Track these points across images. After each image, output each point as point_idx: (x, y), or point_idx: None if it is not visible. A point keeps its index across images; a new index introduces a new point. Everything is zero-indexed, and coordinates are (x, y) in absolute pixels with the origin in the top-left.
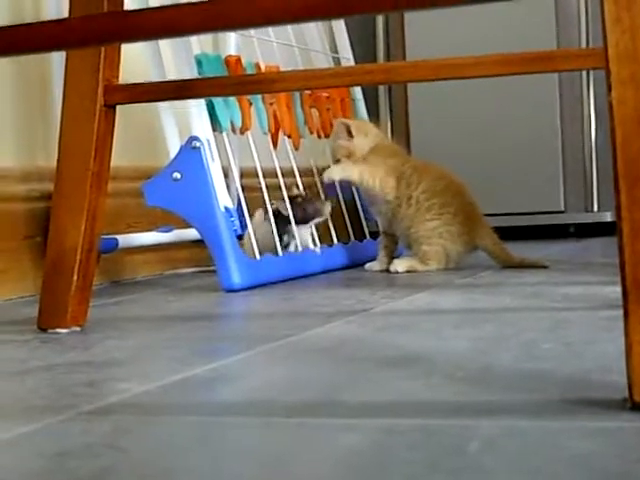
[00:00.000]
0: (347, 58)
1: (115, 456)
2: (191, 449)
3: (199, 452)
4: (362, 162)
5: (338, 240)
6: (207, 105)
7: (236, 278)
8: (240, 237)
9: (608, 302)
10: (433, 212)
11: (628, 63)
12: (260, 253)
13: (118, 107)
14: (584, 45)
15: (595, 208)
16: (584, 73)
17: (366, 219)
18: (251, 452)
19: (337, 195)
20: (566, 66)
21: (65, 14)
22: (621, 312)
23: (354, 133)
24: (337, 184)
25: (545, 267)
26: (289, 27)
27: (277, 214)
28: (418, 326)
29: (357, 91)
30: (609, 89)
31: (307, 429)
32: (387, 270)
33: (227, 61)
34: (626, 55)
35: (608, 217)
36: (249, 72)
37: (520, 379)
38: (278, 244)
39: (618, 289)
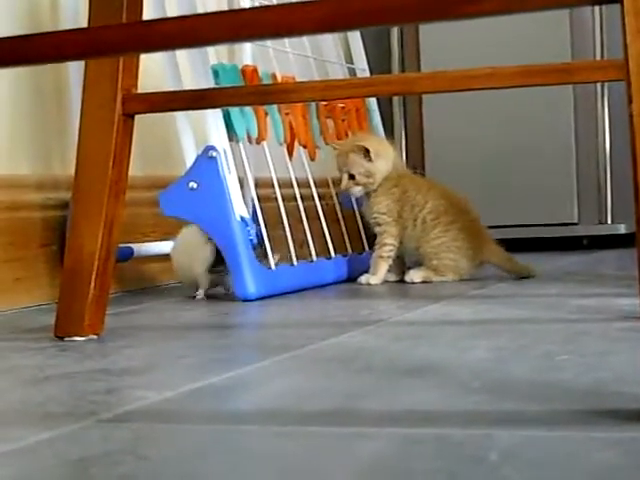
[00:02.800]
0: (363, 69)
1: (135, 463)
2: (209, 457)
3: (217, 460)
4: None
5: (352, 251)
6: (223, 115)
7: (251, 287)
8: (256, 247)
9: (623, 314)
10: (439, 230)
11: None
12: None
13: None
14: (598, 56)
15: (609, 220)
16: (599, 85)
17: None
18: (269, 460)
19: (352, 207)
20: (584, 78)
21: (83, 24)
22: (636, 324)
23: (373, 158)
24: (353, 198)
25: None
26: (305, 38)
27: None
28: (434, 336)
29: (372, 102)
30: (630, 101)
31: (325, 438)
32: (402, 280)
33: (243, 71)
34: None
35: (622, 229)
36: (265, 82)
37: (537, 389)
38: (293, 251)
39: (633, 301)
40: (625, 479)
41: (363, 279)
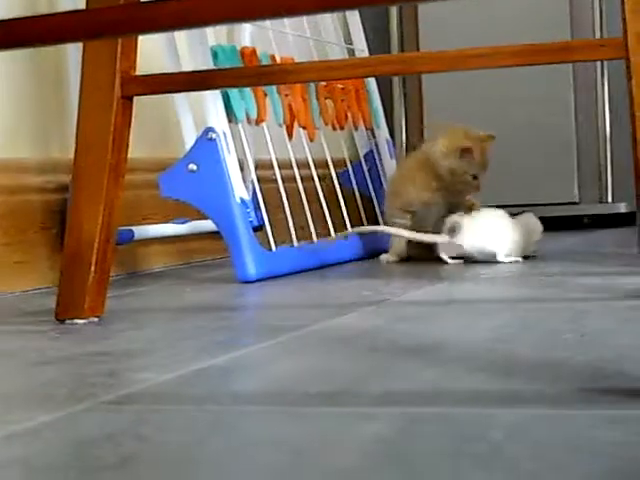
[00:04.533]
0: (362, 50)
1: (137, 445)
2: (212, 438)
3: (220, 441)
4: None
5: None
6: (222, 96)
7: (252, 269)
8: (256, 228)
9: (626, 292)
10: None
11: None
12: None
13: (134, 99)
14: (598, 35)
15: (609, 199)
16: (598, 64)
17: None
18: (272, 441)
19: (352, 186)
20: (583, 56)
21: (81, 6)
22: (638, 302)
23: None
24: (352, 176)
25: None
26: (304, 18)
27: None
28: (437, 316)
29: (371, 82)
30: (629, 77)
31: (329, 418)
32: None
33: (242, 52)
34: None
35: (622, 208)
36: (264, 63)
37: (541, 368)
38: (294, 234)
39: (635, 280)
40: (628, 457)
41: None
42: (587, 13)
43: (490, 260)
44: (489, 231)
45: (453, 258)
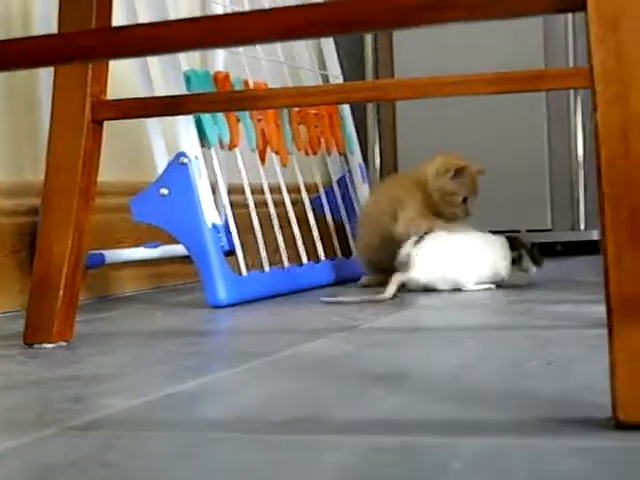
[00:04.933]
0: (336, 76)
1: (100, 471)
2: (177, 464)
3: (185, 468)
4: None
5: (325, 256)
6: (195, 121)
7: (222, 294)
8: (227, 253)
9: (595, 321)
10: None
11: (613, 83)
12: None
13: (106, 122)
14: (572, 63)
15: (582, 226)
16: (572, 91)
17: None
18: (237, 468)
19: (324, 212)
20: (555, 85)
21: (55, 30)
22: (605, 331)
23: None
24: (324, 201)
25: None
26: (278, 44)
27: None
28: (405, 343)
29: (345, 108)
30: (594, 108)
31: (293, 446)
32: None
33: (215, 77)
34: (611, 75)
35: (595, 235)
36: (237, 88)
37: (505, 397)
38: (265, 259)
39: (604, 308)
40: None
41: None
42: (560, 42)
43: (457, 288)
44: (448, 257)
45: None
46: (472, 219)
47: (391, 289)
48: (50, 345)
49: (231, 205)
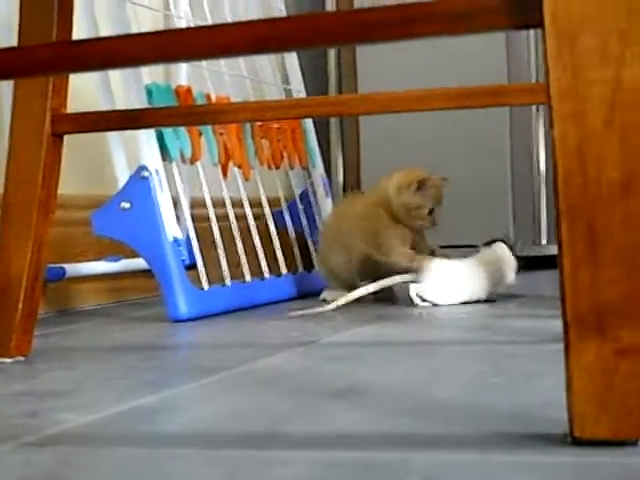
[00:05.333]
0: (299, 90)
1: None
2: None
3: None
4: None
5: (287, 271)
6: (157, 134)
7: (183, 308)
8: (189, 267)
9: (554, 336)
10: None
11: (569, 99)
12: None
13: (67, 135)
14: (534, 79)
15: (544, 241)
16: (534, 107)
17: None
18: None
19: (286, 226)
20: (517, 100)
21: (14, 43)
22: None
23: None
24: (286, 215)
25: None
26: (241, 58)
27: None
28: (363, 358)
29: (308, 122)
30: (551, 125)
31: (248, 462)
32: None
33: (177, 91)
34: (567, 91)
35: (556, 250)
36: (199, 102)
37: (461, 412)
38: (227, 273)
39: None
40: None
41: None
42: (523, 57)
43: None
44: (456, 276)
45: (423, 300)
46: (439, 229)
47: (340, 301)
48: (8, 360)
49: (193, 219)
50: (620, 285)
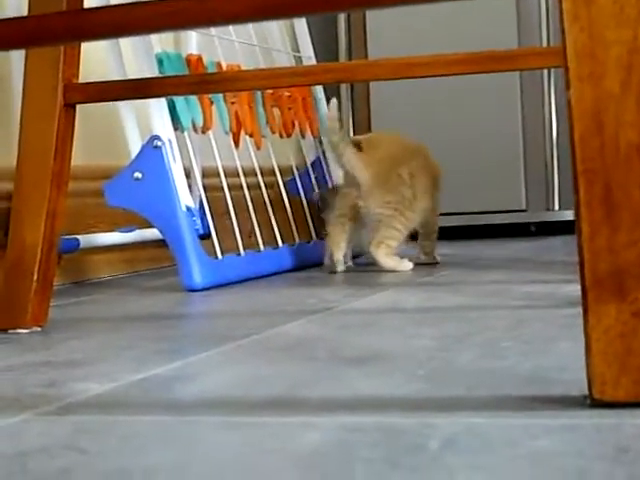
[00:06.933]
0: (309, 57)
1: (73, 457)
2: (151, 448)
3: (159, 451)
4: None
5: (300, 239)
6: (168, 104)
7: (197, 278)
8: (202, 237)
9: (569, 300)
10: None
11: (586, 60)
12: None
13: (78, 106)
14: (545, 44)
15: (556, 207)
16: (545, 71)
17: None
18: (212, 451)
19: (299, 194)
20: (527, 65)
21: (25, 12)
22: (581, 310)
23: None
24: (298, 183)
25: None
26: (250, 26)
27: None
28: (379, 324)
29: (319, 90)
30: (567, 86)
31: (268, 427)
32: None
33: (188, 60)
34: (584, 52)
35: (569, 216)
36: (210, 71)
37: (480, 377)
38: (240, 242)
39: (579, 287)
40: (565, 465)
41: None
42: (534, 21)
43: None
44: None
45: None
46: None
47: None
48: (24, 330)
49: (205, 188)
50: (638, 247)
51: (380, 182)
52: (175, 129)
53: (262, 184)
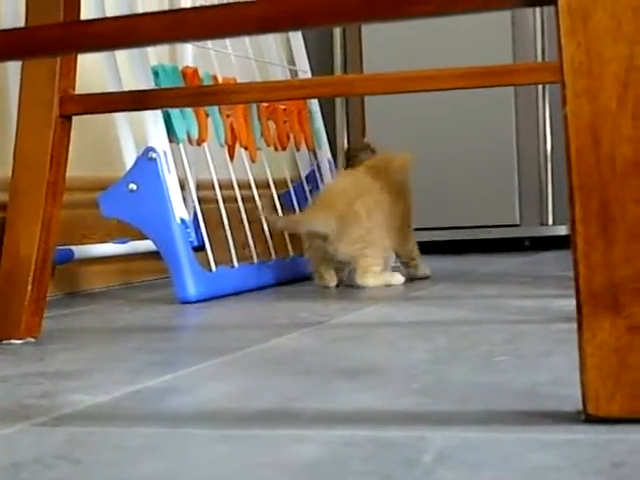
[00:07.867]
0: (304, 71)
1: (67, 468)
2: (144, 460)
3: (152, 463)
4: None
5: (294, 252)
6: (163, 116)
7: (191, 290)
8: (196, 249)
9: (563, 315)
10: None
11: (583, 76)
12: None
13: (74, 117)
14: (540, 59)
15: (550, 222)
16: (540, 86)
17: None
18: (205, 463)
19: (293, 207)
20: (523, 80)
21: (22, 23)
22: (575, 325)
23: None
24: (293, 195)
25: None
26: (246, 39)
27: None
28: (373, 338)
29: (314, 103)
30: (564, 102)
31: (261, 440)
32: None
33: (184, 72)
34: (580, 68)
35: (563, 230)
36: (206, 83)
37: (474, 391)
38: (234, 254)
39: (573, 302)
40: None
41: None
42: (529, 36)
43: None
44: None
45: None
46: (445, 211)
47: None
48: (18, 341)
49: (200, 200)
50: (634, 262)
51: (341, 225)
52: (170, 141)
53: (256, 196)
